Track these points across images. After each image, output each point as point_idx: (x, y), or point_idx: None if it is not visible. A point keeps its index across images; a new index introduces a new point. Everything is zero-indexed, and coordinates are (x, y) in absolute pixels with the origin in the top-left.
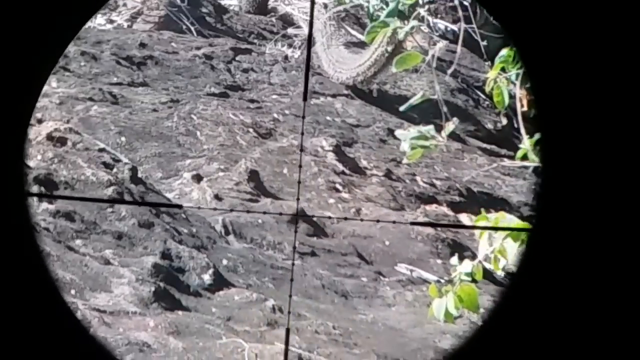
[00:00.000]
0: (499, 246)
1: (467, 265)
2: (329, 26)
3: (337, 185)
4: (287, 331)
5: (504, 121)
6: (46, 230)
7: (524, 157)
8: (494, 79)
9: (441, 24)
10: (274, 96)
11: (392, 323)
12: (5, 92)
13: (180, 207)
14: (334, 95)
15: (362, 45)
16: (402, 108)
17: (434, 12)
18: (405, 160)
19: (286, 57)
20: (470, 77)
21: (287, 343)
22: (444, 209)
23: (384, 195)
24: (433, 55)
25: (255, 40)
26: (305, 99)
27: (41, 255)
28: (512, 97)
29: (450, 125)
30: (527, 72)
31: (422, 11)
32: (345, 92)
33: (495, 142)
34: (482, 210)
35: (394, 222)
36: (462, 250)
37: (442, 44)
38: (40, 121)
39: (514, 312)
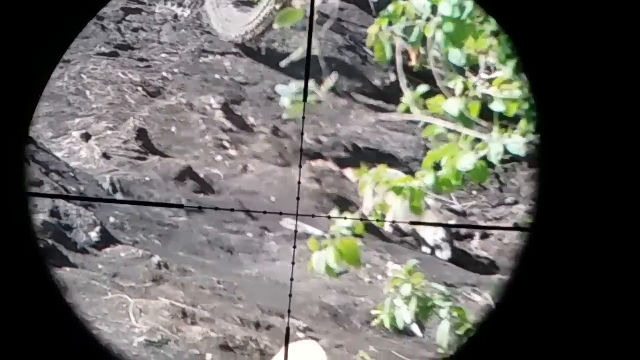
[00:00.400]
0: (381, 200)
1: (348, 220)
2: None
3: (225, 143)
4: (287, 331)
5: (392, 77)
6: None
7: (407, 111)
8: (376, 34)
9: None
10: (164, 55)
11: (277, 278)
12: (5, 92)
13: (182, 206)
14: (222, 54)
15: (250, 4)
16: (282, 64)
17: None
18: (285, 116)
19: (176, 16)
20: (359, 34)
21: (287, 342)
22: (330, 165)
23: (271, 152)
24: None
25: (146, 0)
26: (305, 100)
27: (41, 255)
28: (400, 53)
29: (330, 81)
30: (527, 72)
31: None
32: (234, 50)
33: (383, 98)
34: (362, 164)
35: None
36: (347, 205)
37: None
38: None
39: (514, 312)
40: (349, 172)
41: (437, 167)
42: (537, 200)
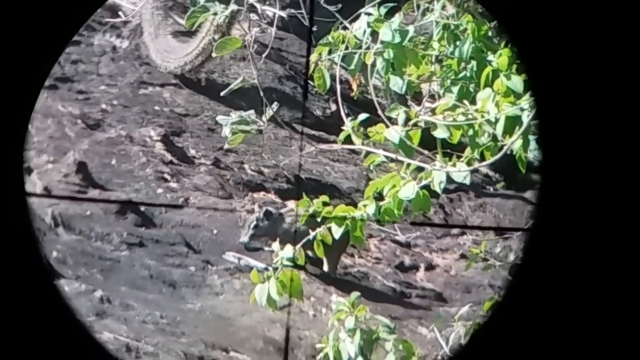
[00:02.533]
0: (323, 230)
1: (289, 251)
2: (156, 15)
3: (166, 175)
4: (287, 331)
5: (333, 107)
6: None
7: (347, 140)
8: (315, 62)
9: (269, 11)
10: (102, 87)
11: (220, 311)
12: (5, 92)
13: (181, 207)
14: (162, 85)
15: (189, 34)
16: (223, 93)
17: None
18: (226, 146)
19: (114, 48)
20: (299, 64)
21: (287, 342)
22: (272, 196)
23: (212, 184)
24: (249, 41)
25: (85, 32)
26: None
27: (41, 255)
28: (341, 82)
29: (270, 110)
30: (527, 72)
31: None
32: (174, 81)
33: (324, 128)
34: (304, 194)
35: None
36: (289, 238)
37: (257, 28)
38: None
39: (514, 312)
40: (291, 204)
41: (380, 197)
42: (538, 201)
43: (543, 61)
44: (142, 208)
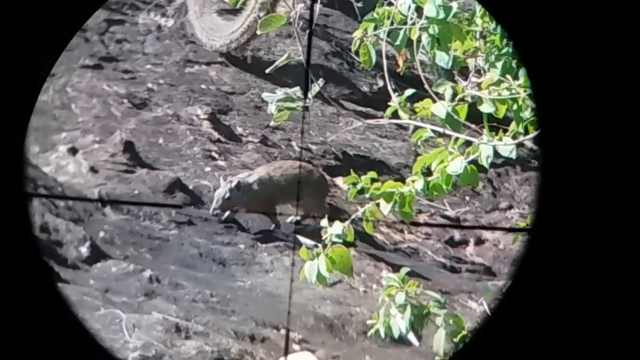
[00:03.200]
0: (371, 207)
1: (338, 227)
2: None
3: (213, 153)
4: (287, 331)
5: (380, 83)
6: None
7: (394, 115)
8: (360, 38)
9: None
10: (148, 66)
11: (270, 289)
12: (5, 92)
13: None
14: (208, 63)
15: (234, 12)
16: (268, 70)
17: None
18: (272, 123)
19: (159, 27)
20: (344, 40)
21: (287, 343)
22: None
23: (260, 162)
24: (294, 17)
25: (129, 11)
26: (305, 95)
27: (41, 255)
28: (387, 57)
29: (316, 87)
30: (527, 72)
31: None
32: (220, 59)
33: (371, 104)
34: (352, 171)
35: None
36: (339, 213)
37: (301, 5)
38: None
39: (514, 312)
40: (339, 181)
41: (428, 172)
42: (537, 201)
43: (543, 61)
44: (191, 186)
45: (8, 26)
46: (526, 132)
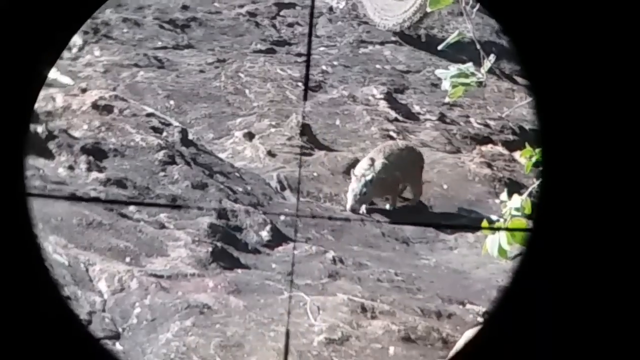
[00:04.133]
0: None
1: (516, 201)
2: None
3: (391, 133)
4: (287, 332)
5: None
6: (97, 200)
7: None
8: None
9: None
10: (321, 48)
11: (454, 266)
12: (5, 92)
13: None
14: (382, 43)
15: None
16: (439, 47)
17: None
18: (447, 99)
19: (331, 9)
20: None
21: (287, 346)
22: (499, 149)
23: (439, 139)
24: None
25: None
26: (305, 98)
27: (41, 255)
28: None
29: (488, 62)
30: (527, 72)
31: None
32: (393, 38)
33: None
34: (526, 144)
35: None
36: (518, 188)
37: None
38: (84, 90)
39: (514, 312)
40: (517, 154)
41: None
42: (539, 201)
43: (544, 61)
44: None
45: (8, 26)
46: None
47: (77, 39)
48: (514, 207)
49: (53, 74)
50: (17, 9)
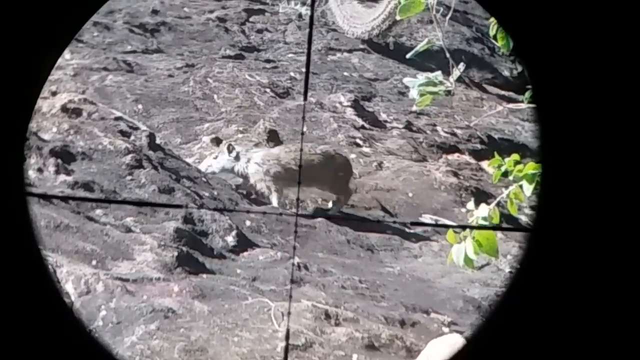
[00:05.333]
0: (515, 189)
1: (484, 210)
2: None
3: (358, 140)
4: (287, 332)
5: (520, 68)
6: (64, 202)
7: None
8: (498, 23)
9: None
10: (290, 55)
11: (419, 274)
12: (5, 93)
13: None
14: (350, 51)
15: None
16: (408, 55)
17: None
18: (415, 107)
19: (300, 15)
20: (484, 27)
21: (287, 341)
22: (466, 157)
23: (406, 147)
24: (432, 3)
25: (268, 0)
26: (305, 98)
27: (41, 255)
28: None
29: (457, 71)
30: (528, 72)
31: None
32: (362, 46)
33: (512, 88)
34: (496, 153)
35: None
36: (485, 197)
37: None
38: (54, 93)
39: (514, 312)
40: (484, 164)
41: None
42: (539, 201)
43: (544, 61)
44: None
45: (8, 26)
46: None
47: None
48: (481, 216)
49: None
50: (17, 9)
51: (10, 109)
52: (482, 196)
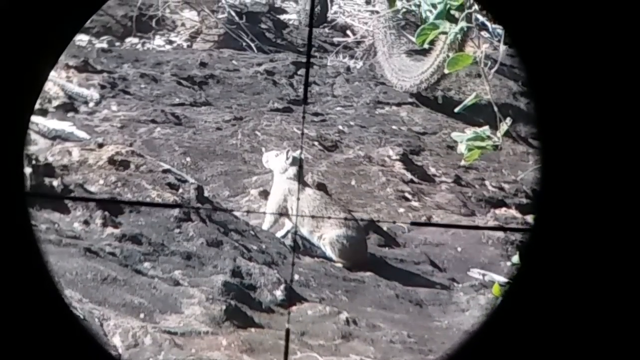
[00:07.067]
0: None
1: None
2: (389, 35)
3: (407, 194)
4: (287, 332)
5: None
6: (112, 255)
7: None
8: None
9: (500, 29)
10: (338, 108)
11: (466, 327)
12: (5, 93)
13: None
14: (398, 104)
15: (423, 52)
16: (457, 109)
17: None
18: (463, 162)
19: (348, 69)
20: None
21: (287, 342)
22: (513, 212)
23: (454, 202)
24: (480, 57)
25: (317, 53)
26: (305, 102)
27: (41, 255)
28: None
29: (504, 125)
30: (527, 72)
31: (473, 13)
32: (410, 100)
33: None
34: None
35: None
36: None
37: (486, 45)
38: (101, 145)
39: (514, 312)
40: (530, 218)
41: None
42: (539, 201)
43: (544, 61)
44: (385, 227)
45: (8, 26)
46: None
47: (94, 93)
48: None
49: (69, 127)
50: (17, 9)
51: (10, 109)
52: None
